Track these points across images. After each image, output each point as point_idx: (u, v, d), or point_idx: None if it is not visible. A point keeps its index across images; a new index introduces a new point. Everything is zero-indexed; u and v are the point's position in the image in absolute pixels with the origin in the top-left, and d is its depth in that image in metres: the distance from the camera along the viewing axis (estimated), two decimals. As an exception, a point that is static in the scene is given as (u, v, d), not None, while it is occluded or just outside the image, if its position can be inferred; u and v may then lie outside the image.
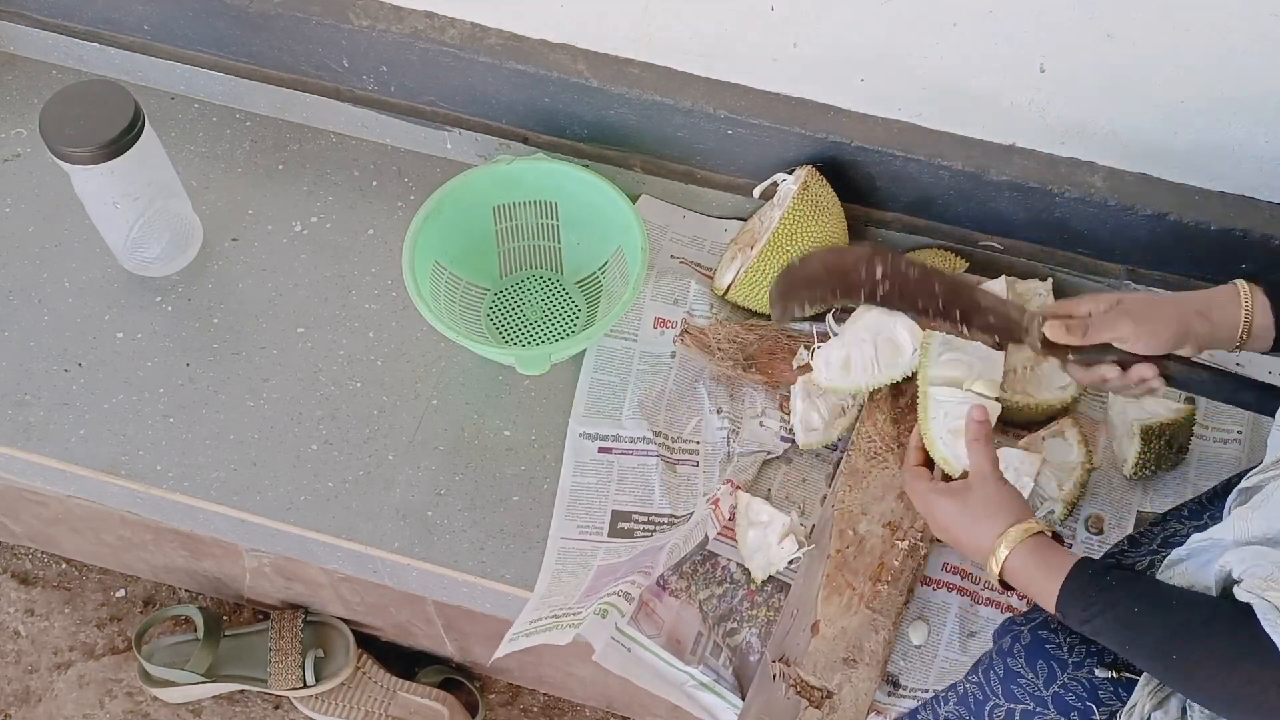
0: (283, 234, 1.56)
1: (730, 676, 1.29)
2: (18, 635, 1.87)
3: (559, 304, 1.53)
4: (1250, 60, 1.22)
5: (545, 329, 1.51)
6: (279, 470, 1.40)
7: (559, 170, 1.46)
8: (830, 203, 1.44)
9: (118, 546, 1.77)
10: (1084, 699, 1.11)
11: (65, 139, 1.32)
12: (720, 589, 1.32)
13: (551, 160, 1.48)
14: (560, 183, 1.47)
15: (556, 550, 1.34)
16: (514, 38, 1.46)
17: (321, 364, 1.47)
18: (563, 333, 1.50)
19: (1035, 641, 1.14)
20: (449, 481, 1.39)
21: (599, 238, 1.48)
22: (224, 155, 1.62)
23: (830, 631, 1.26)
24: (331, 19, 1.48)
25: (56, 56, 1.67)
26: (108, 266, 1.52)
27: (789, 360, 1.42)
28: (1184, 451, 1.38)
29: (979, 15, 1.26)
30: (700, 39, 1.39)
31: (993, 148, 1.40)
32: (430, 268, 1.42)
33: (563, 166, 1.46)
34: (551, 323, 1.51)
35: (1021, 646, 1.14)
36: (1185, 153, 1.34)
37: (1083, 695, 1.11)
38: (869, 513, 1.32)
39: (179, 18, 1.56)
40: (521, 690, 1.85)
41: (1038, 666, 1.13)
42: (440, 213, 1.42)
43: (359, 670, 1.76)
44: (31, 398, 1.43)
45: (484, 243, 1.50)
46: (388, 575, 1.42)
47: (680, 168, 1.54)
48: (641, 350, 1.46)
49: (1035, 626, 1.16)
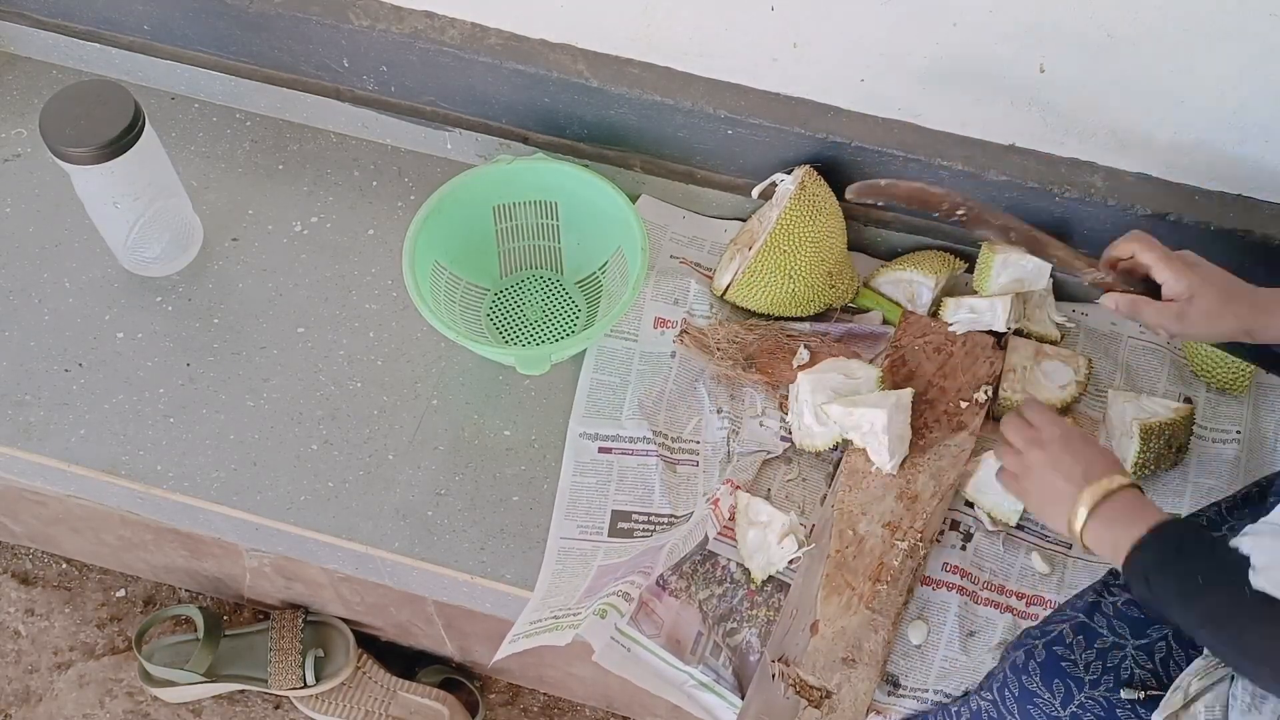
0: (283, 234, 1.56)
1: (730, 676, 1.29)
2: (18, 635, 1.87)
3: (559, 304, 1.53)
4: (1251, 60, 1.22)
5: (545, 329, 1.51)
6: (279, 470, 1.40)
7: (559, 170, 1.47)
8: (828, 202, 1.44)
9: (118, 546, 1.77)
10: (1101, 719, 1.10)
11: (65, 139, 1.32)
12: (720, 589, 1.32)
13: (551, 160, 1.48)
14: (560, 182, 1.47)
15: (556, 550, 1.34)
16: (514, 38, 1.46)
17: (322, 364, 1.47)
18: (563, 333, 1.50)
19: (1050, 659, 1.13)
20: (449, 481, 1.40)
21: (599, 238, 1.48)
22: (224, 155, 1.62)
23: (829, 631, 1.26)
24: (332, 19, 1.48)
25: (57, 56, 1.67)
26: (108, 266, 1.52)
27: (789, 360, 1.43)
28: (1183, 451, 1.38)
29: (979, 15, 1.26)
30: (700, 39, 1.39)
31: (992, 148, 1.40)
32: (430, 268, 1.42)
33: (563, 166, 1.47)
34: (551, 323, 1.51)
35: (1037, 664, 1.14)
36: (1185, 153, 1.34)
37: (1100, 716, 1.10)
38: (869, 513, 1.32)
39: (179, 18, 1.56)
40: (522, 690, 1.85)
41: (1054, 685, 1.12)
42: (440, 212, 1.42)
43: (359, 670, 1.77)
44: (32, 398, 1.44)
45: (484, 243, 1.51)
46: (388, 575, 1.42)
47: (680, 168, 1.55)
48: (642, 350, 1.46)
49: (1050, 642, 1.15)
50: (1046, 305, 1.47)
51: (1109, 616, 1.18)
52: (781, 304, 1.45)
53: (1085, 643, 1.16)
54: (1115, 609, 1.18)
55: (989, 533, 1.35)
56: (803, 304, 1.46)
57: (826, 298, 1.46)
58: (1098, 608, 1.19)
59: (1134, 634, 1.16)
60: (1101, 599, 1.20)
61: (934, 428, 1.38)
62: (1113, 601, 1.19)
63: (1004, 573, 1.33)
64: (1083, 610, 1.19)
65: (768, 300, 1.45)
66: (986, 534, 1.35)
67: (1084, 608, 1.19)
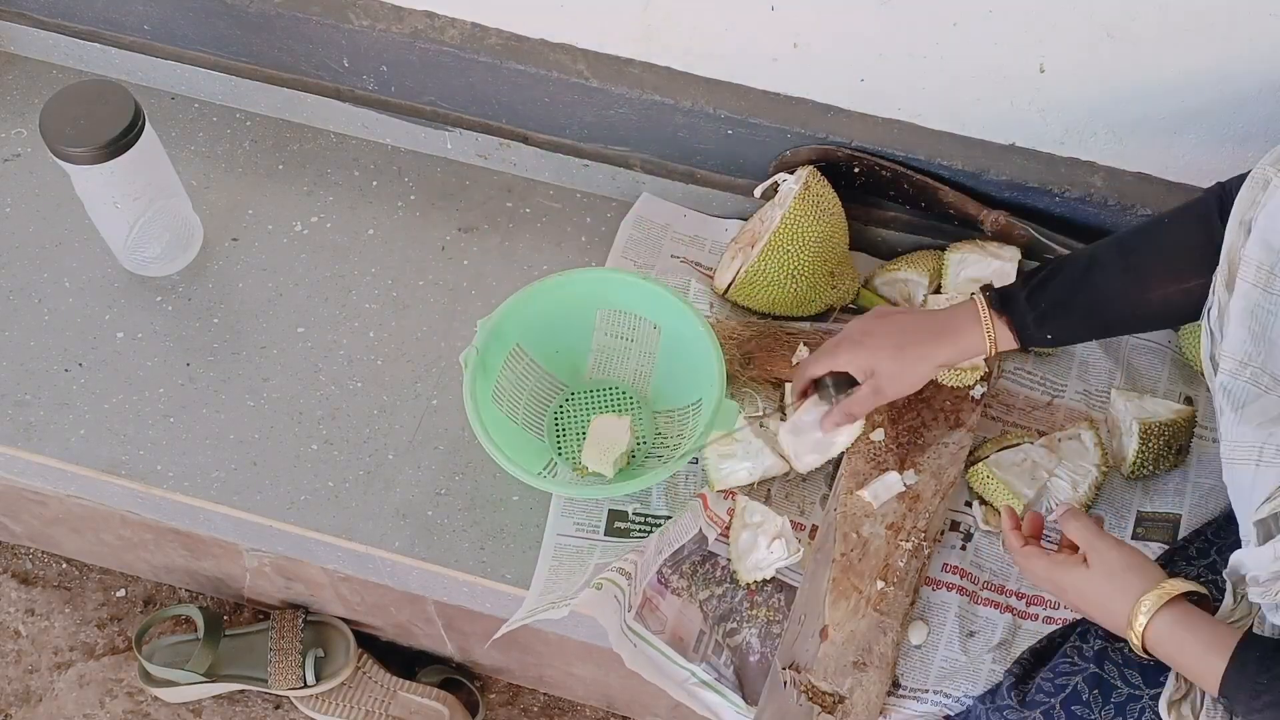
0: (283, 234, 1.56)
1: (731, 675, 1.29)
2: (18, 635, 1.87)
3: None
4: (1251, 61, 1.22)
5: None
6: (279, 470, 1.40)
7: (660, 295, 1.38)
8: (831, 203, 1.44)
9: (118, 546, 1.77)
10: None
11: (65, 139, 1.32)
12: (720, 589, 1.32)
13: (658, 285, 1.39)
14: (660, 308, 1.39)
15: (553, 546, 1.34)
16: (514, 38, 1.46)
17: (322, 364, 1.47)
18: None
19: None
20: (449, 481, 1.39)
21: (687, 379, 1.39)
22: (224, 155, 1.62)
23: (839, 636, 1.25)
24: (332, 19, 1.48)
25: (57, 56, 1.67)
26: (108, 266, 1.52)
27: (788, 359, 1.42)
28: (1184, 453, 1.38)
29: (979, 15, 1.26)
30: (700, 39, 1.39)
31: (992, 147, 1.40)
32: (510, 349, 1.37)
33: (668, 295, 1.38)
34: None
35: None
36: (1185, 153, 1.34)
37: None
38: (871, 515, 1.32)
39: (179, 18, 1.56)
40: (522, 690, 1.85)
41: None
42: (539, 297, 1.37)
43: (359, 670, 1.77)
44: (32, 397, 1.44)
45: (579, 341, 1.44)
46: (388, 575, 1.42)
47: (680, 168, 1.54)
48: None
49: (1066, 700, 1.15)
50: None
51: (1119, 665, 1.16)
52: (783, 304, 1.45)
53: (1102, 698, 1.14)
54: (1124, 656, 1.16)
55: (988, 533, 1.35)
56: (805, 304, 1.46)
57: (828, 298, 1.46)
58: (1106, 656, 1.17)
59: (1147, 683, 1.15)
60: (1108, 645, 1.18)
61: (931, 426, 1.38)
62: (1120, 647, 1.17)
63: (1004, 573, 1.33)
64: (1093, 660, 1.17)
65: (770, 300, 1.45)
66: (986, 534, 1.35)
67: (1093, 657, 1.17)
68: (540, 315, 1.39)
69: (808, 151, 1.44)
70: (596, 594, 1.23)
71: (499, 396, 1.35)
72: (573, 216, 1.58)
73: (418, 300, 1.51)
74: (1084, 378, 1.45)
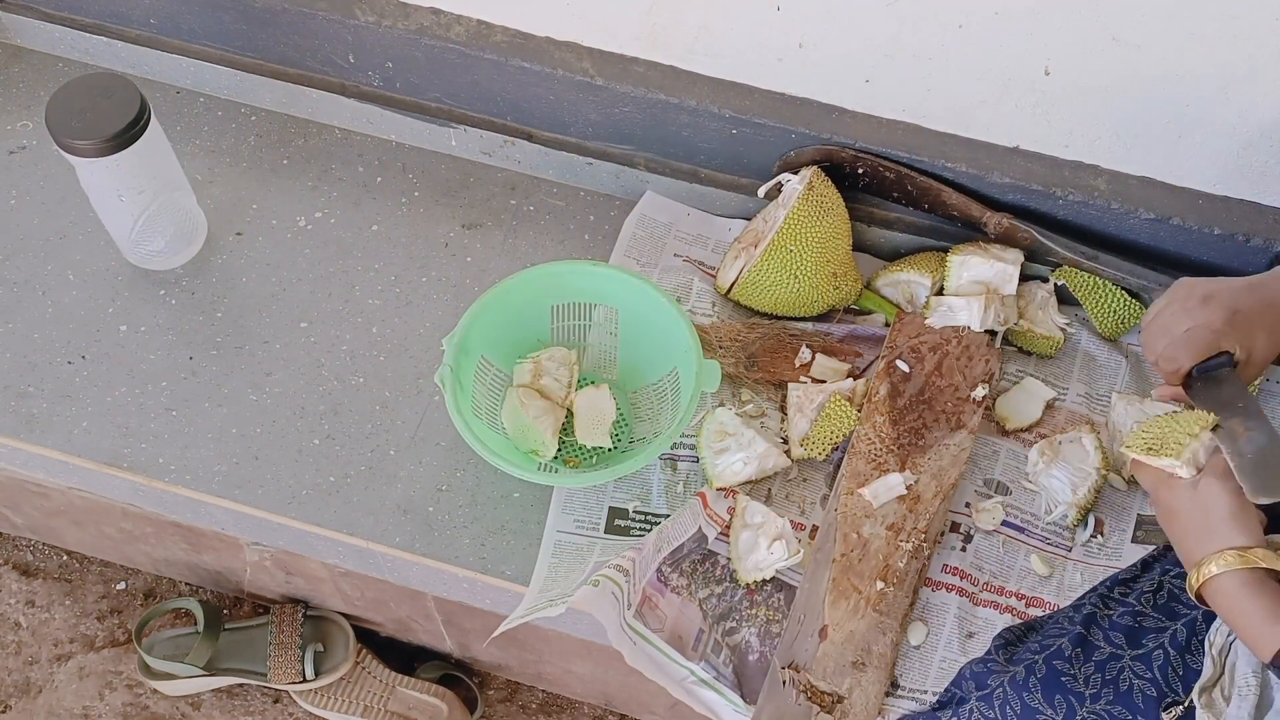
0: (287, 229, 1.56)
1: (730, 674, 1.29)
2: (18, 627, 1.87)
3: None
4: (1255, 64, 1.22)
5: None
6: (281, 464, 1.40)
7: (613, 277, 1.40)
8: (835, 203, 1.44)
9: (119, 539, 1.77)
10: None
11: (71, 132, 1.32)
12: (720, 588, 1.33)
13: (611, 268, 1.41)
14: (617, 290, 1.40)
15: (552, 544, 1.34)
16: (519, 35, 1.46)
17: (324, 359, 1.47)
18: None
19: (1051, 674, 1.13)
20: (450, 477, 1.40)
21: (655, 354, 1.41)
22: (229, 150, 1.62)
23: (838, 636, 1.26)
24: (337, 14, 1.49)
25: (63, 49, 1.67)
26: (112, 259, 1.52)
27: (791, 359, 1.43)
28: (1184, 456, 1.38)
29: (984, 17, 1.26)
30: (705, 38, 1.39)
31: (997, 150, 1.41)
32: (476, 364, 1.37)
33: (621, 275, 1.39)
34: None
35: (1038, 680, 1.13)
36: (1189, 156, 1.34)
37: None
38: (871, 515, 1.32)
39: (185, 12, 1.57)
40: (520, 687, 1.85)
41: (1055, 701, 1.12)
42: (491, 307, 1.37)
43: (358, 665, 1.77)
44: (35, 389, 1.44)
45: (536, 341, 1.45)
46: (388, 570, 1.42)
47: (685, 167, 1.55)
48: (644, 349, 1.46)
49: (1049, 656, 1.15)
50: (1049, 308, 1.47)
51: (1104, 629, 1.18)
52: (786, 304, 1.45)
53: (1084, 655, 1.16)
54: (1111, 621, 1.18)
55: (988, 534, 1.35)
56: (807, 304, 1.46)
57: (831, 299, 1.47)
58: (1094, 620, 1.19)
59: (1130, 644, 1.16)
60: (1098, 611, 1.20)
61: (933, 427, 1.38)
62: (1109, 615, 1.19)
63: (1003, 574, 1.33)
64: (1080, 624, 1.19)
65: (772, 300, 1.45)
66: (986, 535, 1.35)
67: (1082, 621, 1.19)
68: (496, 324, 1.39)
69: (812, 152, 1.44)
70: (593, 590, 1.23)
71: (478, 411, 1.35)
72: (576, 214, 1.58)
73: (421, 296, 1.51)
74: (1085, 380, 1.45)
